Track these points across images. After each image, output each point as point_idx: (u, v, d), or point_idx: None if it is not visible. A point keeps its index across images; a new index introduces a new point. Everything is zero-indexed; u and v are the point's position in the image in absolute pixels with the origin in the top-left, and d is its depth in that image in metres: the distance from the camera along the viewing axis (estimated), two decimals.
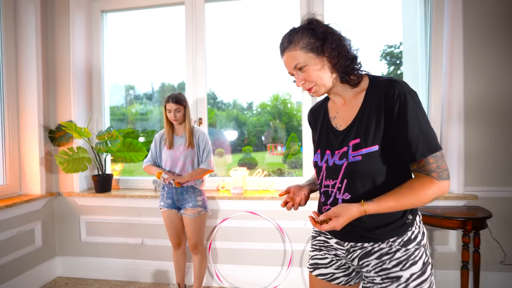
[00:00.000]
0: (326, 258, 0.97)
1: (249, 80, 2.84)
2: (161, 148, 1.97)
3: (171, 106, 1.83)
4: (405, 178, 0.84)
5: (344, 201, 0.86)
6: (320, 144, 0.97)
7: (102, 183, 2.30)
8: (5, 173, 2.19)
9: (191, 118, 2.03)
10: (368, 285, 0.87)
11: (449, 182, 0.79)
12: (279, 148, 3.12)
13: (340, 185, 0.87)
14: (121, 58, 2.77)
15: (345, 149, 0.86)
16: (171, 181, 1.78)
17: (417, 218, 0.87)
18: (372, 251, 0.85)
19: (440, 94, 2.14)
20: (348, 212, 0.78)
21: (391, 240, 0.82)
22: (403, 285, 0.80)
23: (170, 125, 1.93)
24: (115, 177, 2.49)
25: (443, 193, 0.79)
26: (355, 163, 0.83)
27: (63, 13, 2.36)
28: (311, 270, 1.00)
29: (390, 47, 2.52)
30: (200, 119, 2.41)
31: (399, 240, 0.82)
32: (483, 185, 2.01)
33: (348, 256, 0.91)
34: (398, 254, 0.82)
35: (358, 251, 0.87)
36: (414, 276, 0.80)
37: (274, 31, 2.51)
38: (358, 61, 0.88)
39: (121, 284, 2.28)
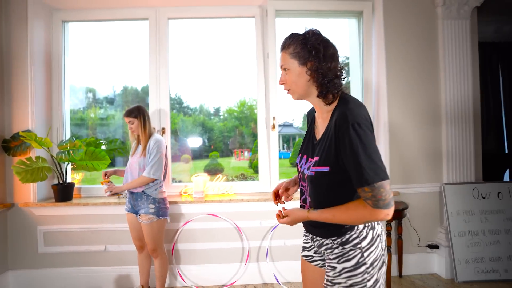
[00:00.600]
0: (308, 243, 1.15)
1: (216, 86, 2.89)
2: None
3: (126, 119, 2.04)
4: (354, 194, 0.94)
5: (308, 201, 1.03)
6: (303, 147, 1.10)
7: (63, 192, 2.31)
8: None
9: (151, 127, 2.09)
10: (324, 258, 1.09)
11: (385, 211, 0.83)
12: (245, 153, 3.20)
13: (306, 189, 1.04)
14: (83, 62, 2.76)
15: (311, 160, 1.00)
16: (108, 192, 1.95)
17: (360, 226, 0.94)
18: (323, 243, 1.02)
19: (371, 108, 2.58)
20: (294, 215, 0.99)
21: (332, 238, 0.98)
22: (337, 274, 0.95)
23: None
24: (76, 185, 2.50)
25: (376, 220, 0.86)
26: (310, 176, 0.98)
27: (21, 20, 2.34)
28: (301, 251, 1.20)
29: (347, 58, 2.80)
30: (163, 128, 2.56)
31: (338, 239, 0.96)
32: (403, 183, 2.47)
33: (314, 244, 1.09)
34: (336, 250, 0.97)
35: (316, 242, 1.06)
36: (345, 270, 0.94)
37: (239, 39, 2.74)
38: (338, 83, 0.95)
39: None
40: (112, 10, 2.56)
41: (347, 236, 0.94)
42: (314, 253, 1.12)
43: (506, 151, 3.70)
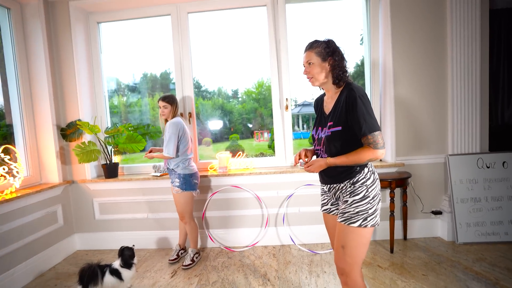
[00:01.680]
0: (325, 199, 1.51)
1: (233, 68, 2.99)
2: None
3: (160, 103, 2.36)
4: (358, 146, 1.31)
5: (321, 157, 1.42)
6: (316, 122, 1.48)
7: (111, 170, 2.78)
8: (28, 166, 2.63)
9: (177, 114, 2.43)
10: (338, 206, 1.44)
11: (382, 151, 1.24)
12: (265, 134, 3.28)
13: (322, 149, 1.39)
14: (113, 56, 3.05)
15: (325, 128, 1.37)
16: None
17: (365, 169, 1.32)
18: (338, 188, 1.38)
19: (379, 85, 2.74)
20: (317, 162, 1.36)
21: (346, 181, 1.34)
22: (348, 205, 1.31)
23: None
24: (120, 165, 2.97)
25: (377, 158, 1.25)
26: (327, 136, 1.34)
27: (65, 26, 2.75)
28: (321, 208, 1.56)
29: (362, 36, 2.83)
30: (190, 113, 2.91)
31: (351, 181, 1.33)
32: (410, 155, 2.66)
33: (330, 194, 1.45)
34: (348, 189, 1.33)
35: (333, 190, 1.42)
36: (355, 201, 1.30)
37: (253, 26, 2.90)
38: (347, 74, 1.37)
39: None
40: (138, 9, 2.88)
41: (356, 177, 1.32)
42: (331, 205, 1.48)
43: None
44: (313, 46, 1.36)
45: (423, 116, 2.63)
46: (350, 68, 1.40)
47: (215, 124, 3.24)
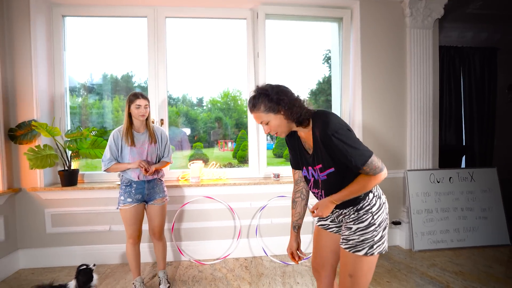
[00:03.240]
0: None
1: (199, 76, 2.95)
2: (121, 145, 2.03)
3: (142, 101, 1.98)
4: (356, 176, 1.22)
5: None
6: (303, 163, 1.35)
7: (69, 178, 2.51)
8: None
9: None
10: (341, 231, 1.35)
11: (383, 173, 1.15)
12: (229, 144, 3.25)
13: (321, 192, 1.32)
14: (79, 55, 2.83)
15: (316, 168, 1.26)
16: (146, 170, 1.98)
17: (370, 195, 1.25)
18: (341, 213, 1.32)
19: (348, 106, 2.95)
20: (321, 204, 1.27)
21: (350, 207, 1.27)
22: (352, 232, 1.25)
23: (130, 122, 2.02)
24: (80, 172, 2.69)
25: (379, 180, 1.16)
26: (324, 180, 1.27)
27: (23, 16, 2.46)
28: (317, 222, 1.49)
29: (329, 51, 3.06)
30: (162, 120, 2.79)
31: (354, 208, 1.26)
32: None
33: (333, 215, 1.40)
34: (352, 216, 1.27)
35: (335, 213, 1.36)
36: (359, 229, 1.24)
37: (224, 31, 2.91)
38: (305, 110, 1.23)
39: None
40: (112, 7, 2.72)
41: (361, 204, 1.25)
42: (330, 222, 1.43)
43: (464, 143, 4.23)
44: (256, 106, 1.23)
45: (386, 135, 2.89)
46: (312, 85, 1.38)
47: (178, 132, 3.13)
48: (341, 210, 1.32)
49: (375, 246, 1.23)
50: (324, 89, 3.14)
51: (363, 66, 2.81)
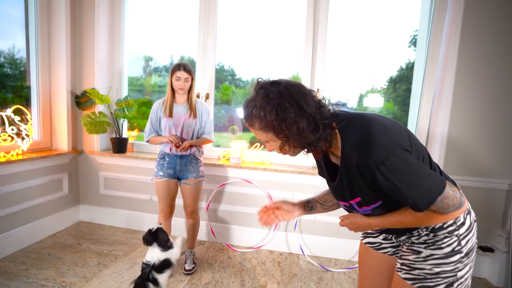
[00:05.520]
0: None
1: (268, 59, 2.80)
2: (159, 116, 1.97)
3: (182, 74, 1.86)
4: None
5: None
6: (331, 185, 0.95)
7: (119, 145, 2.63)
8: (39, 130, 2.56)
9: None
10: (400, 253, 0.94)
11: (459, 210, 0.77)
12: None
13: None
14: (142, 29, 2.90)
15: (347, 204, 0.88)
16: (177, 145, 1.85)
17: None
18: (404, 233, 0.91)
19: (433, 85, 2.24)
20: (354, 218, 0.92)
21: (420, 227, 0.85)
22: (421, 259, 0.84)
23: (172, 93, 1.95)
24: (130, 141, 2.82)
25: (452, 219, 0.80)
26: (369, 214, 0.88)
27: None
28: (362, 238, 1.09)
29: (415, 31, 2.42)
30: (207, 94, 2.64)
31: (429, 227, 0.83)
32: (457, 174, 2.16)
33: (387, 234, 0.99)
34: (424, 237, 0.85)
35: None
36: (435, 257, 0.82)
37: (291, 12, 2.56)
38: (323, 126, 0.79)
39: (131, 231, 2.68)
40: None
41: (439, 224, 0.82)
42: (383, 239, 1.02)
43: None
44: (249, 119, 0.82)
45: (483, 130, 2.10)
46: (392, 71, 0.86)
47: (232, 111, 3.06)
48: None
49: (456, 284, 0.81)
50: (406, 76, 2.53)
51: (461, 49, 2.04)
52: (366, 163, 0.73)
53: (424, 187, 0.71)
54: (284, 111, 0.76)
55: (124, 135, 2.81)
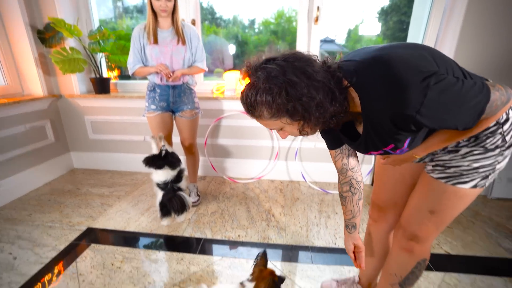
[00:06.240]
0: None
1: None
2: (143, 44, 1.75)
3: None
4: None
5: None
6: (350, 143, 0.86)
7: (101, 85, 2.41)
8: (3, 74, 2.26)
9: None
10: (432, 156, 0.89)
11: (506, 106, 0.66)
12: None
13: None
14: None
15: (381, 152, 0.78)
16: (167, 75, 1.72)
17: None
18: None
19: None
20: (396, 156, 0.87)
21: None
22: (459, 156, 0.80)
23: (154, 17, 1.70)
24: (113, 81, 2.57)
25: (501, 115, 0.72)
26: (406, 151, 0.80)
27: None
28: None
29: None
30: (193, 20, 2.35)
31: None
32: None
33: None
34: (464, 142, 0.80)
35: None
36: (474, 153, 0.78)
37: None
38: (339, 99, 0.69)
39: (129, 173, 2.65)
40: None
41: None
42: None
43: None
44: (255, 110, 0.69)
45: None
46: (384, 1, 0.73)
47: (220, 42, 2.80)
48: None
49: (490, 176, 0.79)
50: (399, 7, 2.30)
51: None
52: (404, 114, 0.62)
53: (472, 103, 0.63)
54: (295, 88, 0.64)
55: (104, 75, 2.55)
